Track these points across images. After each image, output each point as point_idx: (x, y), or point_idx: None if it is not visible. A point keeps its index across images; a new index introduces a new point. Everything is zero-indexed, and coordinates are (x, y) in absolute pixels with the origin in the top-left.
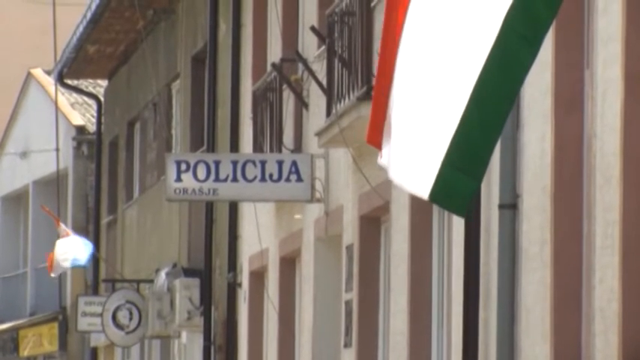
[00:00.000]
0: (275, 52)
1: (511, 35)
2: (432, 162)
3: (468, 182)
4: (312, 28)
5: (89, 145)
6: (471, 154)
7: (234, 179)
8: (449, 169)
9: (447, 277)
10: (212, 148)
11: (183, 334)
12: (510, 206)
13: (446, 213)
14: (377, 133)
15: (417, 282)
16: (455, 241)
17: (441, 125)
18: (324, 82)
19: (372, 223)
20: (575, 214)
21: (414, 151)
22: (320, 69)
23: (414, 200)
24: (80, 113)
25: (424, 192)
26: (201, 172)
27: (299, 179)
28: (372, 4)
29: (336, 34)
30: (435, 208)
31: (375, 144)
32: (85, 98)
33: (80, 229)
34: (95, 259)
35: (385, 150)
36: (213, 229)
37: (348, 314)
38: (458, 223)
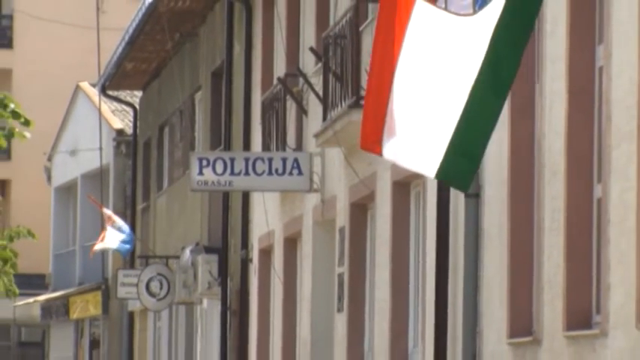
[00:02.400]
0: (280, 68)
1: (499, 46)
2: (436, 149)
3: (469, 164)
4: (311, 49)
5: (127, 145)
6: (471, 141)
7: (246, 173)
8: (453, 154)
9: (422, 254)
10: (228, 147)
11: (204, 301)
12: (474, 195)
13: (421, 201)
14: (371, 141)
15: (397, 258)
16: (429, 224)
17: (445, 118)
18: (321, 93)
19: (360, 210)
20: (527, 203)
21: (421, 140)
22: (317, 82)
23: (395, 190)
24: (119, 119)
25: (431, 172)
26: (219, 167)
27: (300, 173)
28: (360, 29)
29: (330, 54)
30: (413, 197)
31: (370, 149)
32: (124, 106)
33: (119, 214)
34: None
35: (388, 146)
36: (229, 215)
37: (340, 285)
38: (431, 209)
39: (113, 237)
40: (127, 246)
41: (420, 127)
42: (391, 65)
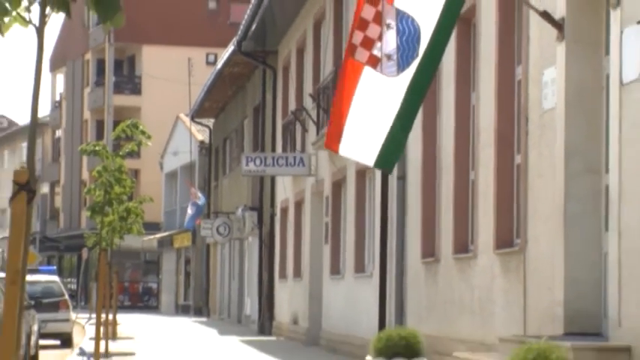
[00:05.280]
0: (292, 105)
1: (411, 94)
2: (374, 150)
3: (391, 159)
4: (310, 95)
5: (206, 149)
6: (393, 146)
7: (273, 165)
8: (383, 153)
9: (372, 212)
10: (262, 150)
11: (250, 238)
12: (402, 178)
13: (372, 182)
14: (333, 142)
15: (359, 216)
16: (376, 196)
17: (379, 133)
18: (316, 120)
19: (337, 187)
20: (432, 183)
21: (366, 144)
22: (314, 113)
23: (357, 176)
24: (201, 134)
25: (371, 163)
26: (258, 161)
27: (303, 165)
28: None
29: (321, 97)
30: (367, 180)
31: (330, 148)
32: (204, 127)
33: (201, 189)
34: (207, 204)
35: (343, 146)
36: (263, 189)
37: (326, 228)
38: (378, 187)
39: (190, 212)
40: (192, 222)
41: (365, 137)
42: (348, 101)
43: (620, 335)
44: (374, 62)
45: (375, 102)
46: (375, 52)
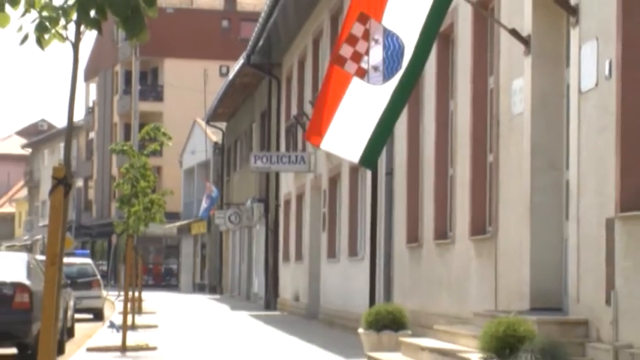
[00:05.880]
0: (294, 110)
1: (394, 99)
2: (359, 148)
3: (374, 157)
4: (310, 101)
5: (219, 149)
6: (377, 145)
7: (278, 162)
8: (367, 151)
9: (363, 204)
10: (268, 149)
11: (257, 226)
12: (389, 174)
13: (364, 177)
14: (312, 137)
15: (352, 207)
16: (367, 189)
17: (364, 132)
18: None
19: (333, 181)
20: (415, 178)
21: (352, 143)
22: None
23: (351, 172)
24: (215, 136)
25: (356, 159)
26: (264, 159)
27: (304, 163)
28: None
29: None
30: (359, 176)
31: (310, 141)
32: (218, 130)
33: (215, 183)
34: (221, 196)
35: (326, 142)
36: (269, 183)
37: (324, 218)
38: (368, 181)
39: (205, 204)
40: (206, 212)
41: (351, 137)
42: (333, 104)
43: (579, 310)
44: (361, 74)
45: (361, 107)
46: (363, 64)
